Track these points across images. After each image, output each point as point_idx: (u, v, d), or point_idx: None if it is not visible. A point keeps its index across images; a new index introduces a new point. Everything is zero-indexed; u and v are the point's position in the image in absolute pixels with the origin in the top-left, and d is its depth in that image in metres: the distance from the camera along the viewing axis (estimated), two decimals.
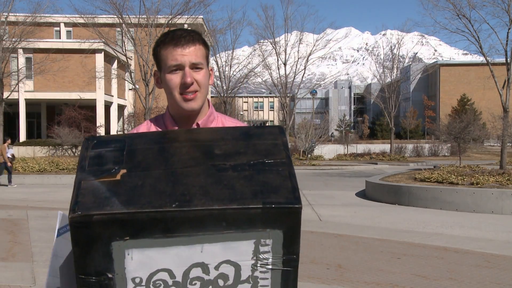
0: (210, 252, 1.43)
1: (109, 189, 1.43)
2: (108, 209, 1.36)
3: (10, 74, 33.50)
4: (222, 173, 1.49)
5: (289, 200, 1.43)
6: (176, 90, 1.86)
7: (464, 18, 22.97)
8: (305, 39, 43.51)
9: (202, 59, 1.87)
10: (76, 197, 1.41)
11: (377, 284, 5.95)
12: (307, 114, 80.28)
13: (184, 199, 1.40)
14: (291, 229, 1.45)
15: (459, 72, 79.66)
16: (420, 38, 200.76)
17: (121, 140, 1.61)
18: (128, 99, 48.36)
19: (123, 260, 1.40)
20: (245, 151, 1.57)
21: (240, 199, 1.41)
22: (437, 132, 36.01)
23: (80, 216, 1.36)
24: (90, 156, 1.55)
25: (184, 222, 1.39)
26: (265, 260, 1.47)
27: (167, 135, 1.66)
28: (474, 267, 6.83)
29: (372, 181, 16.75)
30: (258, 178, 1.48)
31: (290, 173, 1.52)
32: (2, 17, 30.78)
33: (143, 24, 30.77)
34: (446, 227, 10.48)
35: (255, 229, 1.43)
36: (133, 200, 1.39)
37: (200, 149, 1.58)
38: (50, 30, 45.25)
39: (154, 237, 1.39)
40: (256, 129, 1.68)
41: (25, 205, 13.63)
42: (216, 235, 1.42)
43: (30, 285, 5.84)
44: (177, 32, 1.87)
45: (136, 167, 1.50)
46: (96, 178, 1.47)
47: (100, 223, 1.36)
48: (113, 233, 1.38)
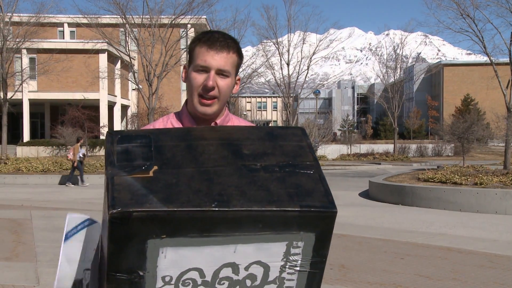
0: (243, 253, 1.43)
1: (144, 186, 1.40)
2: (147, 206, 1.34)
3: (14, 75, 33.59)
4: (255, 174, 1.48)
5: (324, 204, 1.44)
6: (196, 90, 1.88)
7: (468, 18, 22.95)
8: (308, 39, 43.48)
9: (231, 67, 1.88)
10: (112, 193, 1.38)
11: (380, 284, 5.95)
12: (310, 114, 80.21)
13: (222, 199, 1.39)
14: (323, 233, 1.47)
15: (463, 72, 79.51)
16: (424, 38, 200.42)
17: (146, 136, 1.58)
18: (131, 99, 48.43)
19: (156, 258, 1.39)
20: (272, 152, 1.57)
21: (277, 201, 1.41)
22: (441, 132, 35.96)
23: (119, 213, 1.33)
24: (117, 151, 1.52)
25: (222, 222, 1.38)
26: (294, 262, 1.48)
27: (191, 132, 1.64)
28: (478, 268, 6.82)
29: (376, 181, 16.73)
30: (290, 180, 1.48)
31: (320, 176, 1.53)
32: (6, 17, 30.86)
33: (146, 24, 30.81)
34: (450, 227, 10.47)
35: (289, 231, 1.43)
36: (171, 198, 1.37)
37: (228, 148, 1.56)
38: (53, 30, 45.38)
39: (190, 236, 1.38)
40: (279, 129, 1.68)
41: (29, 205, 13.66)
42: (250, 236, 1.41)
43: (34, 285, 5.85)
44: (215, 35, 1.89)
45: (167, 164, 1.48)
46: (128, 174, 1.44)
47: (139, 220, 1.34)
48: (150, 230, 1.36)
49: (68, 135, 35.50)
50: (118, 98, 43.90)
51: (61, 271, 1.64)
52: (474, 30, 22.88)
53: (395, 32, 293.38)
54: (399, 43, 47.75)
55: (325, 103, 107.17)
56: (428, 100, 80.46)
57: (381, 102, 49.99)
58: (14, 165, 24.80)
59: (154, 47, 29.97)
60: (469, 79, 77.99)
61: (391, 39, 76.19)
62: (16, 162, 26.34)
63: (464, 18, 23.06)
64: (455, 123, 28.59)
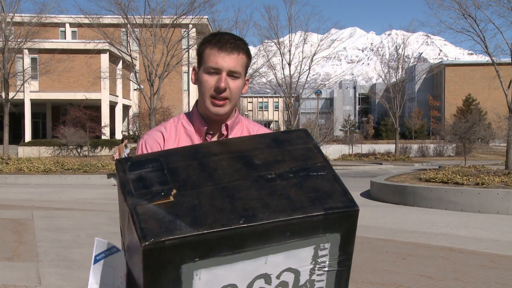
0: (274, 263, 1.44)
1: (168, 212, 1.40)
2: (178, 233, 1.34)
3: (15, 75, 33.61)
4: (272, 183, 1.49)
5: (346, 203, 1.46)
6: (208, 92, 1.90)
7: (469, 18, 22.92)
8: (310, 39, 43.47)
9: (241, 68, 1.91)
10: (139, 224, 1.37)
11: (382, 284, 5.95)
12: (311, 114, 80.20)
13: (247, 214, 1.39)
14: (348, 231, 1.50)
15: (465, 72, 79.42)
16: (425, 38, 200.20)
17: (156, 159, 1.58)
18: (133, 99, 48.46)
19: (191, 281, 1.39)
20: (283, 159, 1.58)
21: (301, 208, 1.42)
22: (442, 132, 35.91)
23: (153, 244, 1.32)
24: (132, 179, 1.51)
25: (251, 236, 1.39)
26: (322, 263, 1.50)
27: (199, 149, 1.64)
28: (480, 268, 6.81)
29: (377, 181, 16.73)
30: (307, 184, 1.50)
31: (334, 176, 1.55)
32: (8, 17, 30.88)
33: (148, 25, 30.81)
34: (451, 227, 10.46)
35: (316, 235, 1.45)
36: (199, 220, 1.37)
37: (239, 161, 1.57)
38: (55, 30, 45.40)
39: (222, 255, 1.39)
40: (283, 134, 1.69)
41: (30, 205, 13.67)
42: (280, 246, 1.43)
43: (35, 285, 5.85)
44: (225, 36, 1.90)
45: (184, 185, 1.48)
46: (149, 202, 1.43)
47: (172, 248, 1.34)
48: (183, 256, 1.36)
49: (70, 135, 35.57)
50: (119, 98, 43.93)
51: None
52: (475, 30, 22.85)
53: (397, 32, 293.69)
54: (401, 43, 47.70)
55: (327, 103, 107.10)
56: (430, 100, 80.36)
57: (383, 102, 49.94)
58: (15, 165, 24.84)
59: (156, 47, 29.97)
60: (471, 79, 77.90)
61: (393, 39, 76.21)
62: (18, 162, 26.38)
63: (466, 18, 23.04)
64: (456, 123, 28.57)
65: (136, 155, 1.71)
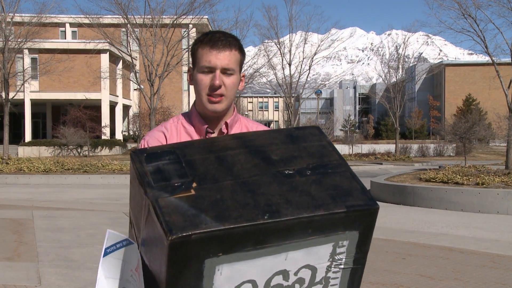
0: (293, 259, 1.44)
1: (191, 206, 1.38)
2: (203, 227, 1.33)
3: (15, 75, 33.61)
4: (292, 180, 1.49)
5: (366, 201, 1.48)
6: (204, 91, 1.92)
7: (469, 18, 22.91)
8: (310, 39, 43.46)
9: (235, 65, 1.92)
10: (163, 217, 1.35)
11: (382, 284, 5.94)
12: (312, 114, 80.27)
13: (271, 209, 1.39)
14: (366, 229, 1.50)
15: (465, 72, 79.44)
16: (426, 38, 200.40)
17: (171, 151, 1.55)
18: (133, 99, 48.48)
19: (212, 276, 1.39)
20: (299, 155, 1.58)
21: (323, 204, 1.42)
22: (442, 132, 35.92)
23: (179, 237, 1.31)
24: (150, 171, 1.49)
25: (274, 232, 1.38)
26: (339, 260, 1.50)
27: (215, 143, 1.62)
28: (480, 268, 6.81)
29: (377, 181, 16.72)
30: (326, 181, 1.50)
31: (351, 173, 1.55)
32: (8, 17, 30.88)
33: (148, 24, 30.81)
34: (452, 227, 10.45)
35: (336, 232, 1.45)
36: (224, 215, 1.36)
37: (257, 156, 1.56)
38: (55, 30, 45.41)
39: (245, 250, 1.38)
40: (296, 130, 1.69)
41: (30, 205, 13.67)
42: (300, 242, 1.42)
43: (35, 285, 5.85)
44: (216, 35, 1.92)
45: (203, 179, 1.47)
46: (171, 195, 1.41)
47: (197, 242, 1.33)
48: (208, 250, 1.35)
49: (70, 135, 35.59)
50: (119, 98, 43.94)
51: (99, 286, 1.63)
52: (475, 30, 22.85)
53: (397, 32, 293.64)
54: (401, 43, 47.70)
55: (327, 103, 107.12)
56: (430, 100, 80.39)
57: (383, 102, 49.93)
58: (16, 165, 24.83)
59: (156, 47, 29.98)
60: (471, 79, 77.91)
61: (393, 39, 76.27)
62: (18, 162, 26.37)
63: (466, 18, 23.03)
64: (456, 123, 28.58)
65: (151, 146, 1.67)
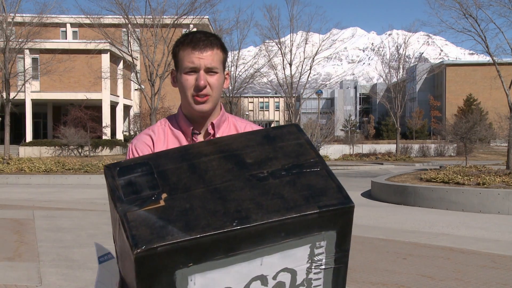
0: (269, 264, 1.42)
1: (160, 217, 1.37)
2: (170, 239, 1.31)
3: (16, 75, 33.62)
4: (264, 182, 1.47)
5: (340, 200, 1.44)
6: (189, 91, 1.90)
7: (470, 18, 22.90)
8: (311, 39, 43.47)
9: (218, 63, 1.91)
10: (130, 231, 1.34)
11: (383, 284, 5.94)
12: (312, 114, 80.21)
13: (241, 215, 1.37)
14: (344, 228, 1.47)
15: (465, 72, 79.38)
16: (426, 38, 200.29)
17: (145, 163, 1.54)
18: (134, 99, 48.46)
19: (186, 286, 1.37)
20: (275, 156, 1.55)
21: (295, 207, 1.40)
22: (443, 132, 35.92)
23: (145, 251, 1.30)
24: (121, 184, 1.48)
25: (245, 238, 1.36)
26: (319, 261, 1.48)
27: (189, 150, 1.60)
28: (481, 268, 6.81)
29: (378, 181, 16.72)
30: (301, 182, 1.47)
31: (327, 171, 1.52)
32: (9, 17, 30.90)
33: (149, 25, 30.82)
34: (452, 227, 10.45)
35: (311, 233, 1.43)
36: (191, 224, 1.35)
37: (230, 160, 1.54)
38: (56, 30, 45.40)
39: (216, 259, 1.36)
40: (274, 130, 1.66)
41: (31, 205, 13.68)
42: (274, 246, 1.40)
43: (36, 285, 5.86)
44: (197, 35, 1.91)
45: (175, 189, 1.45)
46: (140, 208, 1.40)
47: (164, 254, 1.31)
48: (177, 261, 1.33)
49: (71, 135, 35.58)
50: (120, 98, 43.93)
51: None
52: (476, 30, 22.84)
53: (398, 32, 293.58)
54: (402, 43, 47.69)
55: (328, 103, 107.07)
56: (431, 100, 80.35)
57: (384, 102, 49.93)
58: (16, 165, 24.85)
59: (157, 47, 29.97)
60: (472, 79, 77.86)
61: (393, 39, 76.23)
62: (19, 162, 26.39)
63: (467, 17, 23.02)
64: (457, 123, 28.56)
65: (126, 159, 1.66)
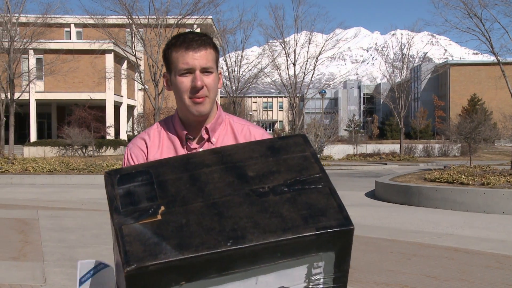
0: (265, 283, 1.40)
1: (155, 233, 1.36)
2: (162, 258, 1.30)
3: (21, 75, 33.73)
4: (264, 199, 1.44)
5: (340, 222, 1.40)
6: (186, 94, 1.86)
7: (475, 17, 22.87)
8: (315, 39, 43.46)
9: (213, 63, 1.87)
10: (124, 247, 1.33)
11: (387, 284, 5.93)
12: (316, 114, 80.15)
13: (236, 235, 1.35)
14: (343, 249, 1.44)
15: (470, 72, 79.25)
16: (430, 38, 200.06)
17: (146, 172, 1.52)
18: (137, 99, 48.53)
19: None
20: (278, 169, 1.52)
21: (292, 227, 1.37)
22: (447, 132, 35.87)
23: (136, 269, 1.29)
24: (120, 194, 1.47)
25: (239, 258, 1.34)
26: (317, 281, 1.45)
27: (191, 159, 1.57)
28: (485, 268, 6.79)
29: (382, 181, 16.70)
30: (301, 199, 1.44)
31: (330, 189, 1.48)
32: (14, 18, 31.00)
33: (152, 25, 30.88)
34: (457, 227, 10.43)
35: (309, 254, 1.40)
36: (185, 243, 1.33)
37: (232, 173, 1.51)
38: (60, 31, 45.54)
39: (210, 277, 1.35)
40: (280, 140, 1.62)
41: (35, 205, 13.71)
42: (270, 266, 1.38)
43: (40, 285, 5.87)
44: (189, 36, 1.87)
45: (173, 201, 1.44)
46: (136, 221, 1.39)
47: (156, 272, 1.30)
48: (169, 279, 1.32)
49: (75, 135, 35.68)
50: (124, 98, 44.00)
51: None
52: (481, 29, 22.82)
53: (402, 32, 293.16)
54: (406, 43, 47.64)
55: (331, 103, 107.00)
56: (435, 100, 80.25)
57: (388, 102, 49.90)
58: (21, 165, 24.92)
59: (160, 47, 30.00)
60: (476, 79, 77.73)
61: (397, 39, 76.15)
62: (23, 162, 26.46)
63: (471, 17, 22.99)
64: (462, 123, 28.52)
65: (127, 166, 1.64)
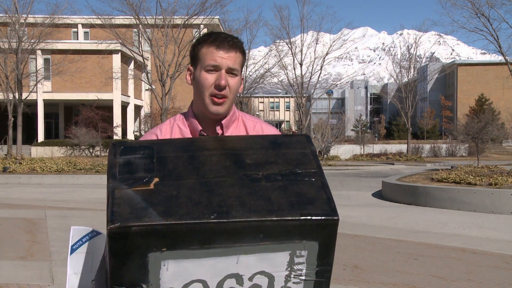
0: (245, 263, 1.42)
1: (144, 199, 1.40)
2: (146, 220, 1.34)
3: (28, 75, 33.89)
4: (256, 183, 1.47)
5: (326, 212, 1.42)
6: (207, 90, 1.88)
7: (482, 17, 22.80)
8: (321, 39, 43.42)
9: (239, 66, 1.90)
10: (112, 207, 1.38)
11: (394, 285, 5.92)
12: (323, 114, 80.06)
13: (221, 210, 1.38)
14: (327, 241, 1.45)
15: (477, 72, 78.93)
16: (438, 38, 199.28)
17: (149, 147, 1.58)
18: (144, 99, 48.65)
19: (158, 271, 1.39)
20: (275, 161, 1.55)
21: (277, 210, 1.40)
22: (455, 132, 35.73)
23: (119, 228, 1.33)
24: (119, 163, 1.52)
25: (222, 233, 1.37)
26: (299, 271, 1.46)
27: (195, 142, 1.63)
28: (493, 269, 6.76)
29: (389, 182, 16.65)
30: (292, 188, 1.47)
31: (323, 183, 1.51)
32: (22, 18, 31.14)
33: (159, 25, 30.94)
34: (464, 228, 10.39)
35: (292, 240, 1.42)
36: (171, 211, 1.37)
37: (230, 158, 1.55)
38: (68, 31, 45.72)
39: (191, 249, 1.38)
40: (283, 137, 1.66)
41: (43, 204, 13.77)
42: (252, 247, 1.40)
43: (48, 284, 5.89)
44: (222, 35, 1.90)
45: (168, 175, 1.48)
46: (129, 187, 1.44)
47: (138, 235, 1.34)
48: (150, 244, 1.36)
49: (82, 135, 35.82)
50: (131, 98, 44.12)
51: (69, 283, 1.66)
52: (489, 29, 22.74)
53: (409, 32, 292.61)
54: (413, 43, 47.50)
55: (338, 103, 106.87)
56: (442, 100, 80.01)
57: (395, 102, 49.78)
58: (29, 165, 25.03)
59: (167, 48, 30.08)
60: (484, 79, 77.40)
61: (404, 39, 75.95)
62: (31, 162, 26.57)
63: (479, 17, 22.92)
64: (469, 123, 28.40)
65: (131, 140, 1.72)
